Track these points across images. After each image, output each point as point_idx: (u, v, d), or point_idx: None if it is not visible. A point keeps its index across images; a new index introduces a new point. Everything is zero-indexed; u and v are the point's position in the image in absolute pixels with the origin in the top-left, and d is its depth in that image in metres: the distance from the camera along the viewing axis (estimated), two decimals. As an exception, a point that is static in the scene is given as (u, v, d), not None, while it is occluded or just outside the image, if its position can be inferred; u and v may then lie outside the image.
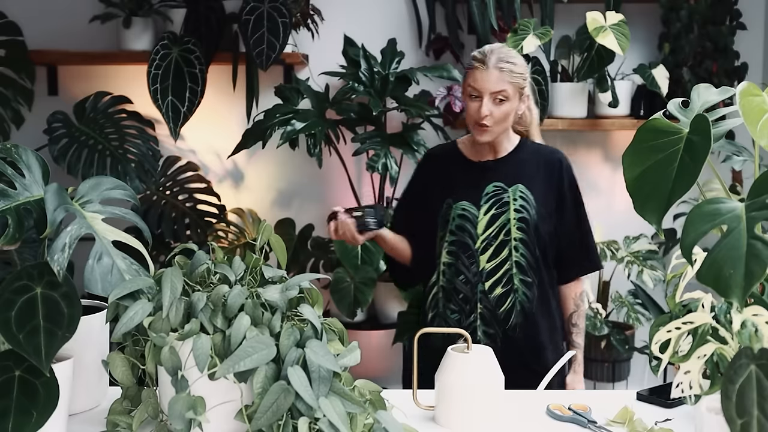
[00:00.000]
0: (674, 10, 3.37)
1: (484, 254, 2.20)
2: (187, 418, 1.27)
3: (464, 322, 2.21)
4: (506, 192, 2.22)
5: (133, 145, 3.23)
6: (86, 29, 3.38)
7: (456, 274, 2.22)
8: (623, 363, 3.37)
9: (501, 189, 2.22)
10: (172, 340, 1.31)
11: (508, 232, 2.19)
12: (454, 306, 2.22)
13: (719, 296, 1.06)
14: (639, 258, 3.30)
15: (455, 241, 2.23)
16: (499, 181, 2.23)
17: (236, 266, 1.42)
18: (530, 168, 2.25)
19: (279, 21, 3.08)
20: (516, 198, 2.21)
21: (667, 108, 1.41)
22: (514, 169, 2.24)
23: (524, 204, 2.20)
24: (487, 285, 2.19)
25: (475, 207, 2.22)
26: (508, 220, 2.20)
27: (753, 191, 1.12)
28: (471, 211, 2.22)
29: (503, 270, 2.19)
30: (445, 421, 1.52)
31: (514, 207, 2.20)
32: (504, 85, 2.15)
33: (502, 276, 2.19)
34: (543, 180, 2.24)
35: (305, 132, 3.10)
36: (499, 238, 2.20)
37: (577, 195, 2.28)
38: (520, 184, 2.22)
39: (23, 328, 1.24)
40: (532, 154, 2.28)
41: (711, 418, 1.21)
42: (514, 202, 2.20)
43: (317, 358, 1.29)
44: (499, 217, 2.20)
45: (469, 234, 2.21)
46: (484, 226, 2.21)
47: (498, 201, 2.21)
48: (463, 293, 2.21)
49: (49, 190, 1.34)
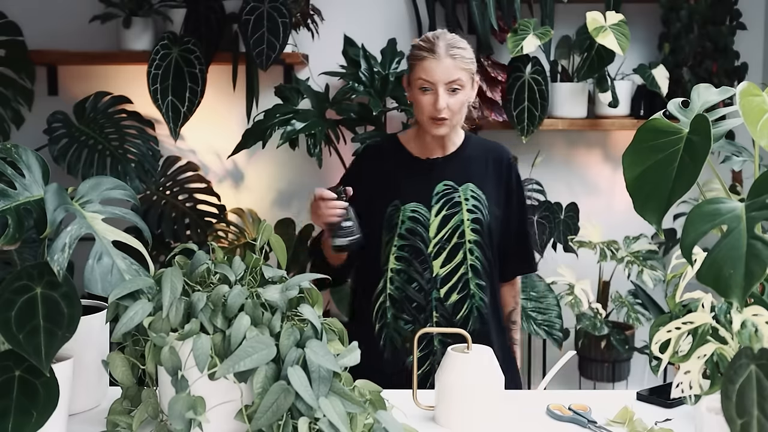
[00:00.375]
0: (674, 10, 3.37)
1: (437, 259, 2.05)
2: (187, 418, 1.27)
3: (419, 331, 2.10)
4: (456, 191, 2.08)
5: (133, 145, 3.23)
6: (86, 29, 3.38)
7: (408, 281, 2.06)
8: (623, 363, 3.37)
9: (451, 188, 2.08)
10: (172, 340, 1.31)
11: (462, 234, 2.06)
12: (407, 316, 2.06)
13: (719, 296, 1.06)
14: (639, 258, 3.30)
15: (405, 246, 2.07)
16: (449, 180, 2.09)
17: (236, 266, 1.42)
18: (479, 165, 2.12)
19: (279, 21, 3.08)
20: (468, 197, 2.08)
21: (667, 108, 1.41)
22: (463, 167, 2.11)
23: (477, 204, 2.08)
24: (443, 291, 2.05)
25: (426, 208, 2.07)
26: (461, 222, 2.06)
27: (753, 191, 1.12)
28: (422, 212, 2.07)
29: (458, 275, 2.06)
30: (445, 421, 1.52)
31: (466, 207, 2.07)
32: (458, 73, 2.01)
33: (457, 281, 2.06)
34: (492, 177, 2.12)
35: (305, 132, 3.10)
36: (452, 241, 2.06)
37: (522, 193, 2.18)
38: (470, 182, 2.09)
39: (23, 328, 1.24)
40: (479, 149, 2.15)
41: (711, 418, 1.21)
42: (466, 202, 2.07)
43: (317, 358, 1.29)
44: (452, 218, 2.06)
45: (420, 238, 2.06)
46: (437, 228, 2.06)
47: (449, 201, 2.07)
48: (417, 302, 2.06)
49: (49, 190, 1.34)
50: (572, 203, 3.39)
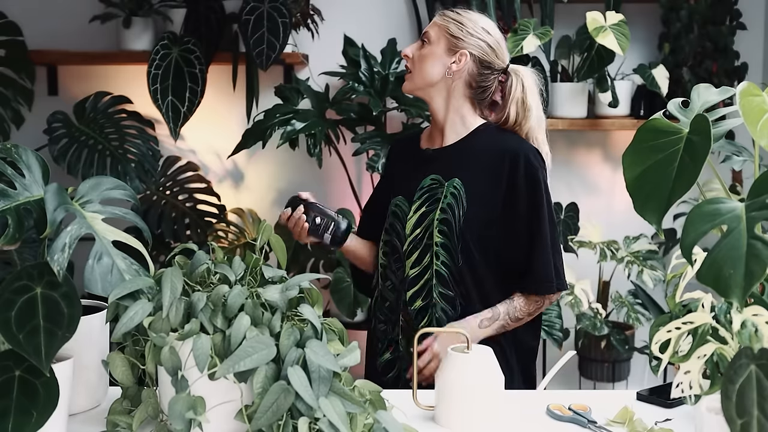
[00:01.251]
0: (674, 10, 3.37)
1: (409, 258, 1.89)
2: (187, 418, 1.27)
3: (390, 334, 1.94)
4: (441, 186, 1.88)
5: (133, 145, 3.24)
6: (86, 29, 3.38)
7: (383, 278, 1.95)
8: (623, 363, 3.37)
9: (437, 183, 1.89)
10: (172, 340, 1.31)
11: (431, 234, 1.87)
12: (381, 315, 1.95)
13: (719, 296, 1.06)
14: (639, 258, 3.30)
15: (387, 242, 1.95)
16: (436, 173, 1.90)
17: (236, 266, 1.42)
18: (477, 159, 1.88)
19: (279, 21, 3.08)
20: (446, 195, 1.86)
21: (667, 108, 1.41)
22: (458, 159, 1.89)
23: (452, 202, 1.85)
24: (409, 294, 1.88)
25: (408, 203, 1.91)
26: (432, 221, 1.86)
27: (753, 191, 1.12)
28: (403, 207, 1.92)
29: (424, 279, 1.87)
30: (445, 421, 1.52)
31: (441, 206, 1.86)
32: (433, 29, 1.90)
33: (423, 286, 1.87)
34: (488, 174, 1.86)
35: (305, 132, 3.10)
36: (423, 242, 1.87)
37: (536, 195, 1.85)
38: (457, 177, 1.87)
39: (23, 328, 1.24)
40: (487, 141, 1.90)
41: (711, 418, 1.21)
42: (444, 200, 1.86)
43: (317, 358, 1.29)
44: (428, 216, 1.87)
45: (397, 234, 1.93)
46: (412, 225, 1.89)
47: (431, 197, 1.88)
48: (389, 301, 1.93)
49: (49, 190, 1.34)
50: (572, 203, 3.40)
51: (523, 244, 1.86)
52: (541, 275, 1.86)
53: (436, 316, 1.86)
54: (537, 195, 1.85)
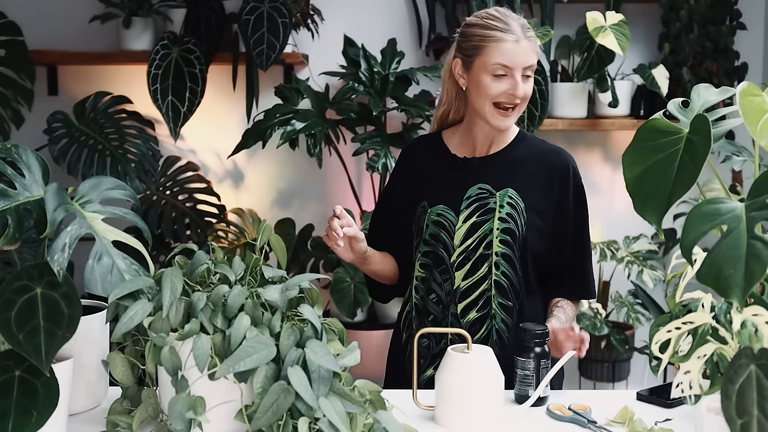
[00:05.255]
0: (674, 10, 3.37)
1: (460, 270, 1.83)
2: (187, 418, 1.27)
3: (434, 349, 1.87)
4: (493, 196, 1.84)
5: (133, 145, 3.23)
6: (86, 29, 3.38)
7: (427, 292, 1.87)
8: (623, 363, 3.37)
9: (487, 192, 1.85)
10: (172, 340, 1.31)
11: (489, 245, 1.82)
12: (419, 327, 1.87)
13: (719, 296, 1.06)
14: (639, 258, 3.30)
15: (429, 253, 1.87)
16: (485, 183, 1.86)
17: (236, 266, 1.42)
18: (527, 168, 1.88)
19: (279, 21, 3.08)
20: (503, 204, 1.83)
21: (667, 108, 1.41)
22: (506, 169, 1.87)
23: (512, 212, 1.83)
24: (460, 307, 1.83)
25: (454, 213, 1.85)
26: (490, 231, 1.82)
27: (753, 191, 1.12)
28: (448, 217, 1.86)
29: (480, 290, 1.83)
30: (445, 421, 1.52)
31: (499, 215, 1.83)
32: (534, 57, 1.80)
33: (478, 297, 1.83)
34: (541, 185, 1.87)
35: (305, 132, 3.10)
36: (478, 252, 1.83)
37: (582, 209, 1.91)
38: (511, 188, 1.84)
39: (23, 328, 1.24)
40: (532, 151, 1.90)
41: (711, 418, 1.21)
42: (501, 210, 1.83)
43: (317, 358, 1.29)
44: (481, 226, 1.83)
45: (443, 245, 1.85)
46: (463, 236, 1.84)
47: (482, 207, 1.84)
48: (434, 315, 1.86)
49: (49, 190, 1.34)
50: (572, 203, 3.39)
51: (566, 253, 1.90)
52: (588, 282, 1.94)
53: (495, 328, 1.83)
54: (583, 205, 1.91)
